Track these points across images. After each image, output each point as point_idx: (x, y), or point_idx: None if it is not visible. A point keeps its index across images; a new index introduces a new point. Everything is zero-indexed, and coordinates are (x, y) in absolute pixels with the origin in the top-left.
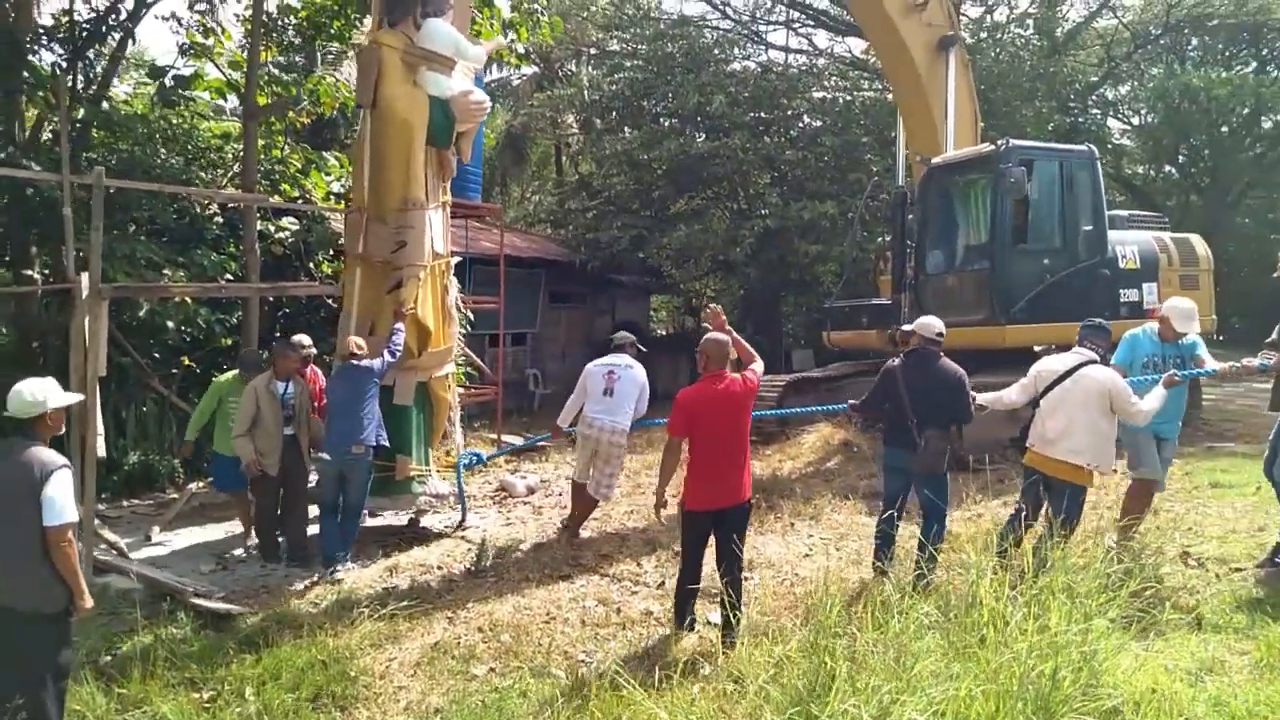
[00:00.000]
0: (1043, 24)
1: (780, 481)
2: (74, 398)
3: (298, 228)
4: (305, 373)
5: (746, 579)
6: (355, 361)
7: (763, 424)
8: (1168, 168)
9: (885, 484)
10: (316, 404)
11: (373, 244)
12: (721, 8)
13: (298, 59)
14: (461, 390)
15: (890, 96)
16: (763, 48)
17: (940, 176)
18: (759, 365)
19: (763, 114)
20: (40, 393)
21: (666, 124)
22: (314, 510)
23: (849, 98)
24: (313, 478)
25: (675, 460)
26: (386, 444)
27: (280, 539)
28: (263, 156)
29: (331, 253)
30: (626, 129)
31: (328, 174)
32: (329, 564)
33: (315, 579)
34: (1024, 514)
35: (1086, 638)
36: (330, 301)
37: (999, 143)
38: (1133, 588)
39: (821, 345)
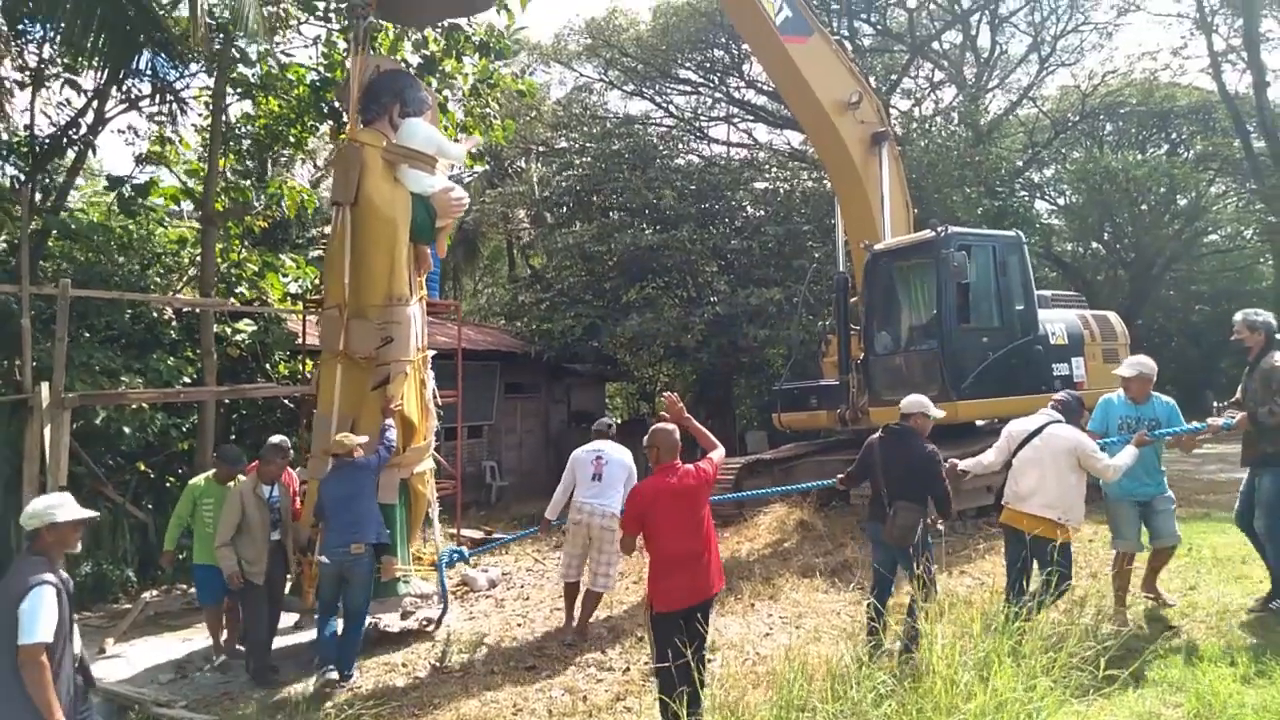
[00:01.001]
0: (967, 116)
1: (739, 563)
2: (85, 513)
3: (254, 329)
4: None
5: (709, 661)
6: (350, 460)
7: (720, 507)
8: (1094, 244)
9: (873, 556)
10: (294, 507)
11: (355, 341)
12: (665, 106)
13: (251, 164)
14: None
15: (828, 185)
16: (705, 142)
17: (884, 262)
18: (719, 453)
19: (707, 205)
20: (42, 506)
21: (615, 217)
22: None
23: (789, 187)
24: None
25: (629, 549)
26: (386, 541)
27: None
28: (220, 260)
29: (288, 353)
30: (578, 223)
31: (284, 275)
32: (323, 664)
33: (317, 685)
34: (1019, 573)
35: (1031, 697)
36: (287, 402)
37: (939, 229)
38: (1071, 648)
39: (774, 427)
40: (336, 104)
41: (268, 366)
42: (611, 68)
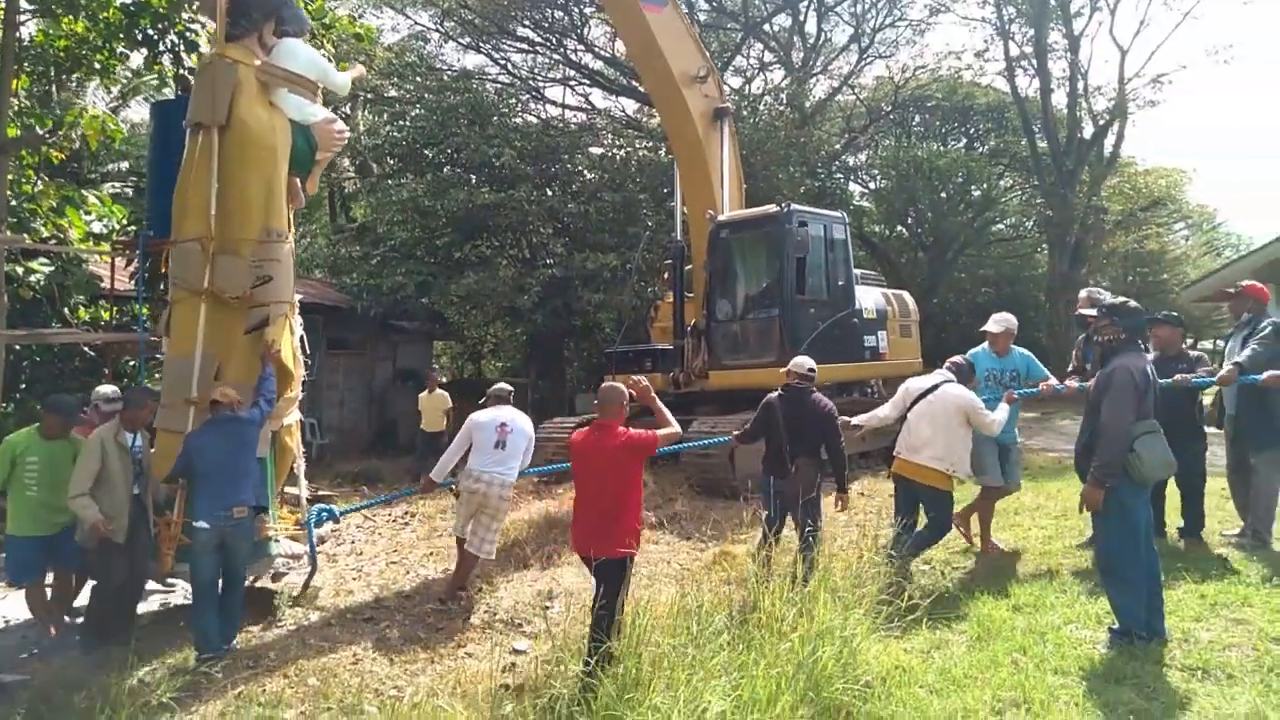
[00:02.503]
0: (794, 98)
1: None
2: None
3: (51, 270)
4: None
5: (547, 608)
6: (231, 412)
7: (553, 461)
8: (899, 228)
9: (765, 508)
10: None
11: (224, 279)
12: (501, 63)
13: (50, 89)
14: None
15: (663, 155)
16: (542, 104)
17: (727, 233)
18: (666, 431)
19: (545, 167)
20: None
21: (449, 172)
22: None
23: (625, 154)
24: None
25: None
26: (265, 504)
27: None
28: (10, 193)
29: (87, 298)
30: (409, 176)
31: (87, 213)
32: (204, 650)
33: (196, 668)
34: (905, 522)
35: (844, 627)
36: (87, 350)
37: (782, 205)
38: (877, 585)
39: None
40: (151, 31)
41: (65, 311)
42: (448, 18)
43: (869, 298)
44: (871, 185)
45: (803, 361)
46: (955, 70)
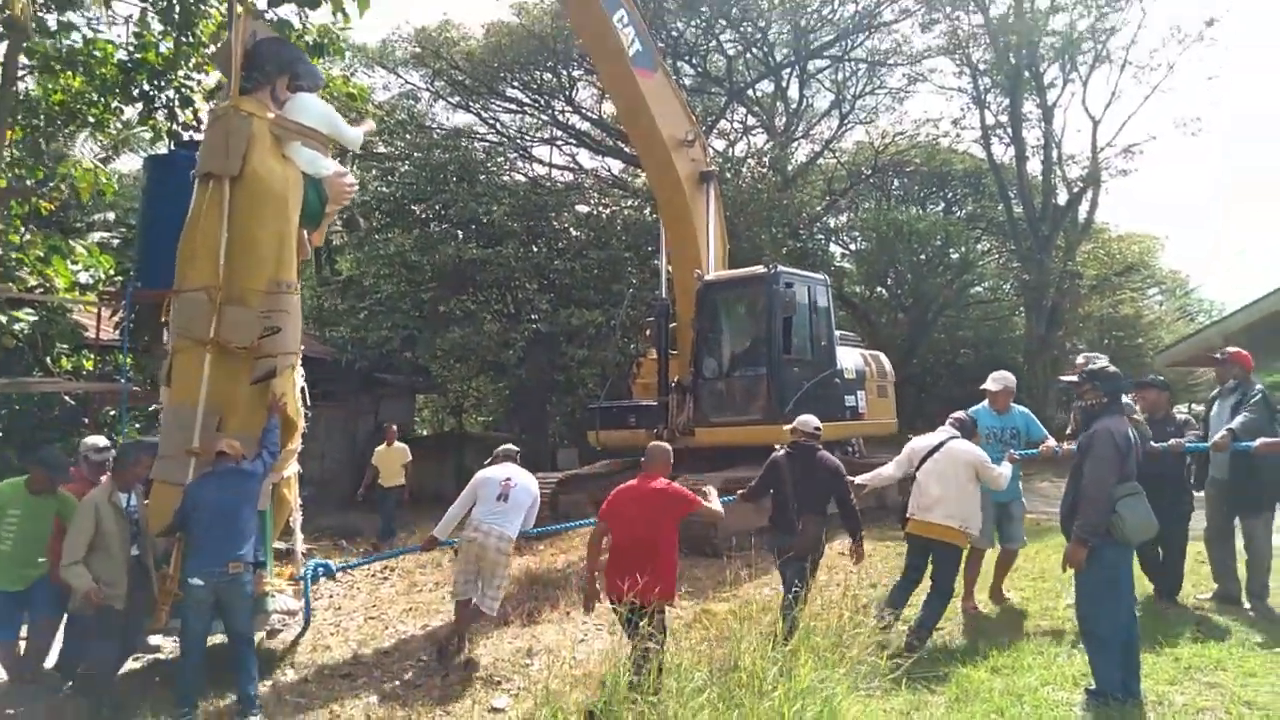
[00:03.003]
0: (776, 161)
1: (556, 574)
2: None
3: (35, 319)
4: (100, 481)
5: (527, 665)
6: (234, 464)
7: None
8: (879, 289)
9: (781, 569)
10: None
11: (231, 329)
12: (491, 122)
13: (41, 141)
14: None
15: (648, 214)
16: (529, 162)
17: (715, 292)
18: (710, 506)
19: (532, 224)
20: None
21: (435, 228)
22: None
23: (610, 213)
24: None
25: (596, 549)
26: (264, 559)
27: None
28: None
29: (69, 347)
30: (396, 230)
31: (74, 262)
32: (184, 707)
33: None
34: (911, 580)
35: (826, 686)
36: (67, 399)
37: (770, 267)
38: (860, 646)
39: (585, 444)
40: (147, 87)
41: (48, 360)
42: (439, 78)
43: (849, 358)
44: (852, 247)
45: (808, 420)
46: (933, 137)
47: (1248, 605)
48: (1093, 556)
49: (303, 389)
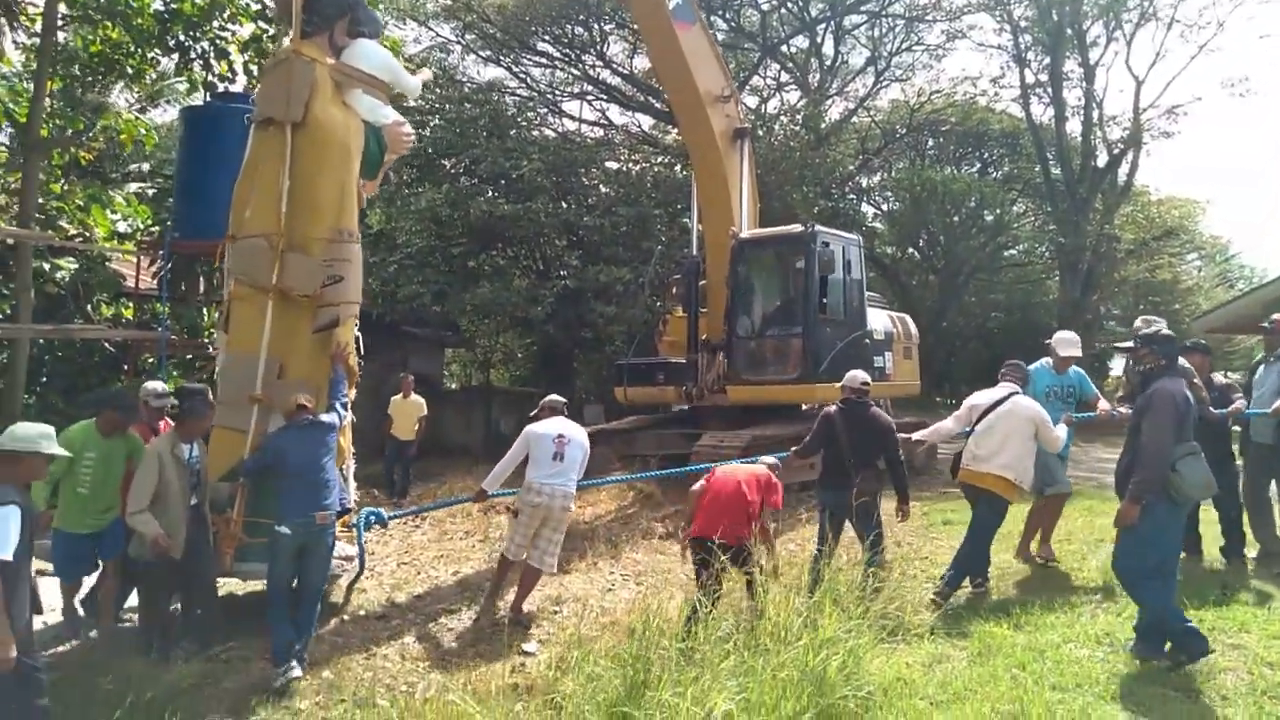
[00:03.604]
0: (809, 119)
1: (583, 527)
2: (60, 451)
3: (76, 268)
4: (159, 426)
5: (556, 612)
6: (309, 417)
7: None
8: (911, 250)
9: (821, 522)
10: None
11: (294, 276)
12: (521, 76)
13: (80, 91)
14: None
15: (678, 171)
16: (559, 117)
17: (750, 251)
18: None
19: (561, 180)
20: (34, 433)
21: (465, 183)
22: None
23: (640, 170)
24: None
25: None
26: (351, 506)
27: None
28: (40, 192)
29: (109, 296)
30: (427, 185)
31: (113, 212)
32: (281, 662)
33: (271, 682)
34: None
35: (849, 639)
36: (107, 346)
37: (808, 225)
38: (884, 600)
39: (611, 400)
40: (183, 38)
41: (88, 308)
42: (469, 31)
43: (877, 319)
44: (885, 207)
45: (857, 375)
46: (970, 96)
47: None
48: (1145, 512)
49: (357, 339)
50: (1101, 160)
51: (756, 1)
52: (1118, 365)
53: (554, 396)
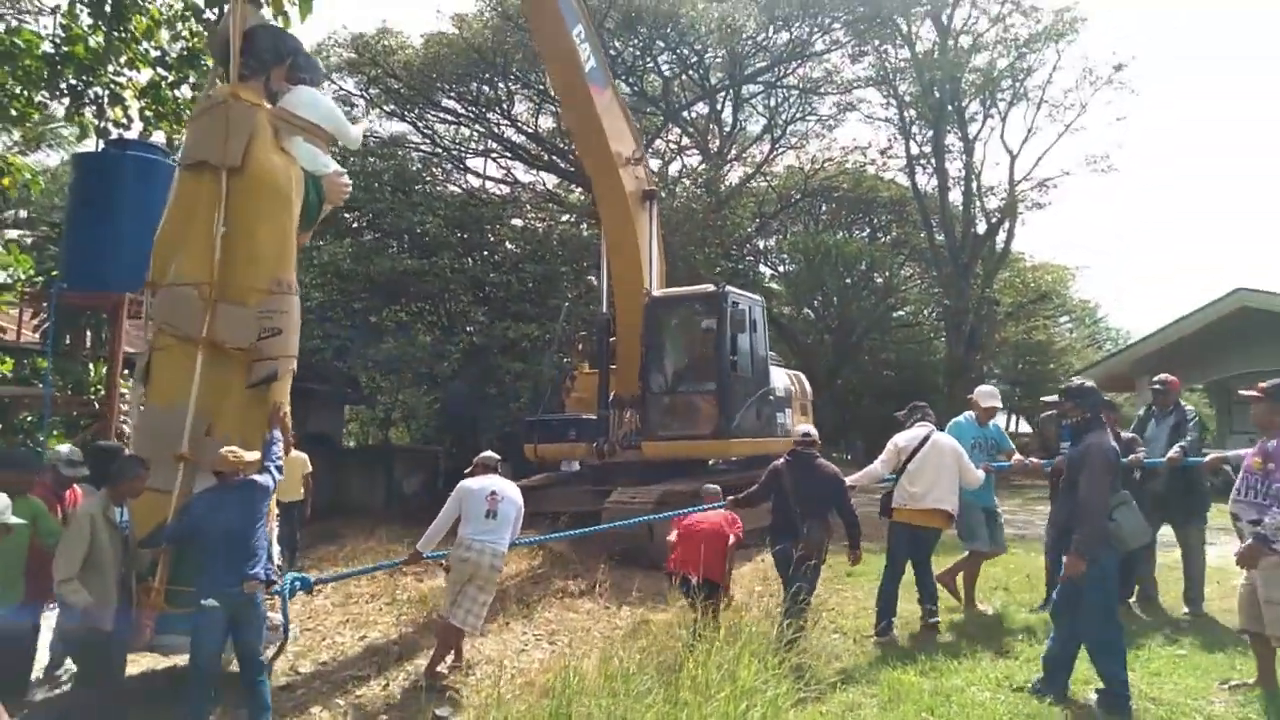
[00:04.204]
0: (709, 183)
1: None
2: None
3: None
4: (65, 496)
5: (469, 675)
6: (241, 478)
7: None
8: (806, 310)
9: (782, 573)
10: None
11: (227, 329)
12: (426, 132)
13: None
14: None
15: (583, 231)
16: (464, 174)
17: (663, 309)
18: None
19: (467, 236)
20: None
21: (369, 238)
22: None
23: (546, 228)
24: None
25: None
26: (275, 577)
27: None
28: None
29: None
30: (329, 238)
31: None
32: None
33: None
34: (900, 566)
35: (767, 689)
36: None
37: (720, 286)
38: (796, 654)
39: (517, 458)
40: (74, 82)
41: None
42: (374, 85)
43: (777, 378)
44: (781, 268)
45: (807, 429)
46: (861, 164)
47: (1186, 610)
48: (1092, 568)
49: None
50: (981, 228)
51: (659, 68)
52: (1002, 419)
53: (488, 453)
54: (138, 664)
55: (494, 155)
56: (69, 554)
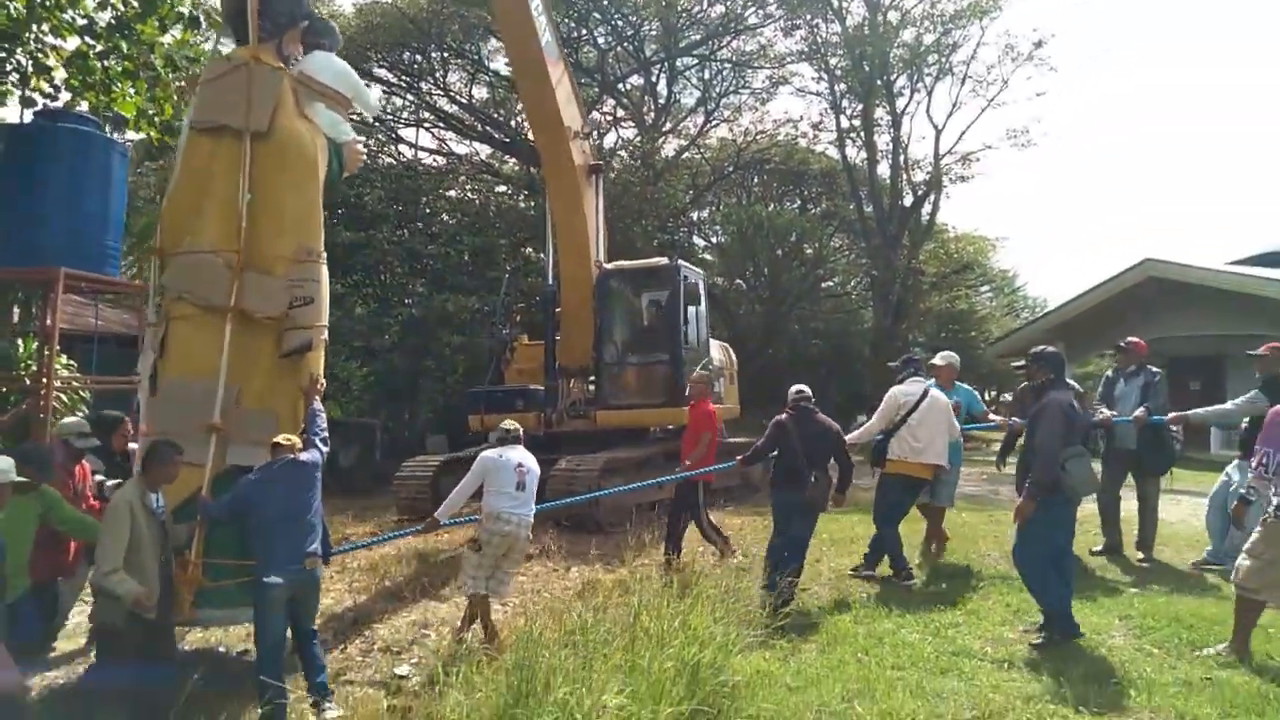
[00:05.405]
0: (646, 155)
1: (447, 554)
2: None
3: None
4: (75, 471)
5: (426, 636)
6: (292, 456)
7: (417, 501)
8: (739, 281)
9: (785, 526)
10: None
11: (257, 298)
12: None
13: None
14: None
15: (520, 202)
16: (396, 144)
17: (616, 282)
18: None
19: (403, 208)
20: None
21: None
22: None
23: (483, 200)
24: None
25: None
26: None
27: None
28: None
29: None
30: None
31: None
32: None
33: None
34: (899, 518)
35: (717, 636)
36: None
37: (672, 259)
38: (743, 604)
39: (455, 430)
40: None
41: None
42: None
43: (714, 348)
44: (714, 240)
45: (801, 387)
46: (792, 137)
47: (1140, 556)
48: (1040, 508)
49: None
50: (908, 200)
51: (595, 40)
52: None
53: (510, 425)
54: (206, 639)
55: (427, 125)
56: (112, 545)
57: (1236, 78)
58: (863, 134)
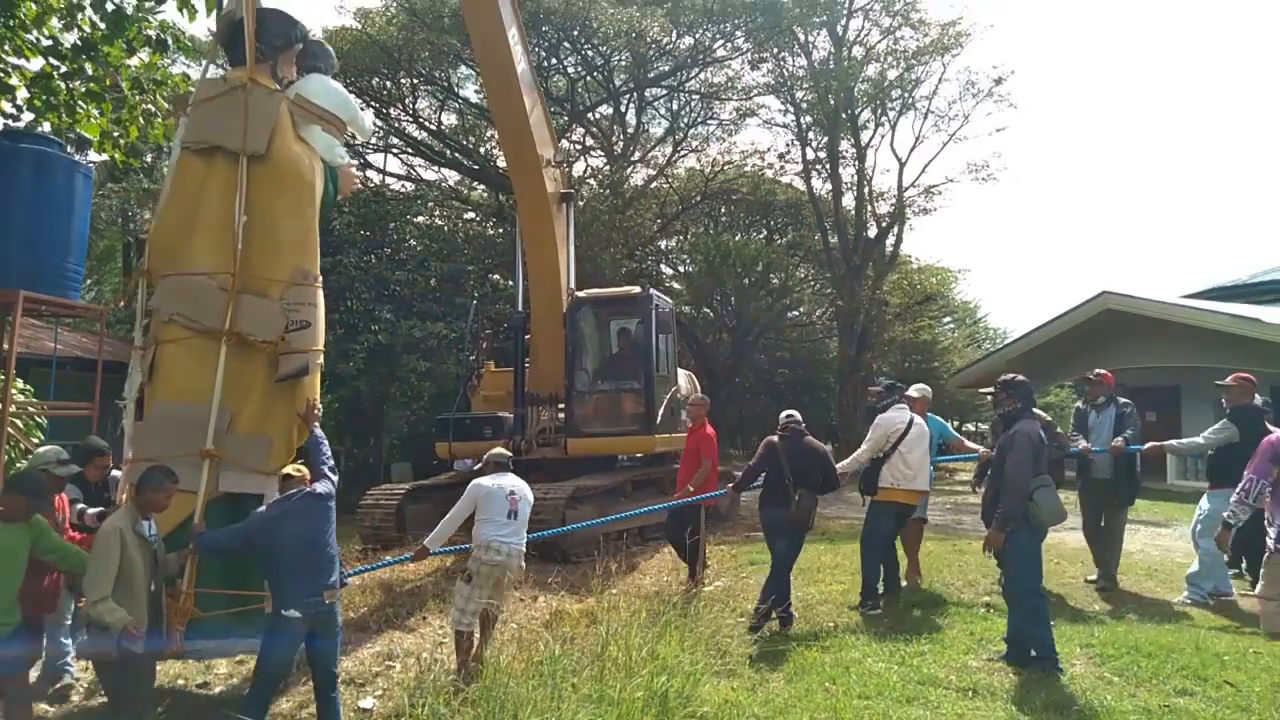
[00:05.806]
0: (615, 184)
1: (408, 583)
2: None
3: None
4: (55, 502)
5: (390, 667)
6: (309, 489)
7: (381, 530)
8: (706, 309)
9: (771, 543)
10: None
11: (253, 321)
12: None
13: None
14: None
15: (489, 229)
16: (364, 169)
17: (588, 309)
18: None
19: (371, 234)
20: None
21: None
22: None
23: (451, 226)
24: None
25: None
26: (345, 580)
27: None
28: None
29: None
30: None
31: None
32: None
33: None
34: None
35: (688, 662)
36: None
37: (645, 288)
38: (709, 633)
39: (420, 457)
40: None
41: None
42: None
43: (680, 376)
44: (681, 268)
45: (791, 412)
46: (759, 168)
47: (1100, 584)
48: (1012, 540)
49: None
50: (872, 232)
51: (565, 69)
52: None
53: (500, 451)
54: (165, 673)
55: (395, 151)
56: (101, 573)
57: (1195, 116)
58: (828, 166)
